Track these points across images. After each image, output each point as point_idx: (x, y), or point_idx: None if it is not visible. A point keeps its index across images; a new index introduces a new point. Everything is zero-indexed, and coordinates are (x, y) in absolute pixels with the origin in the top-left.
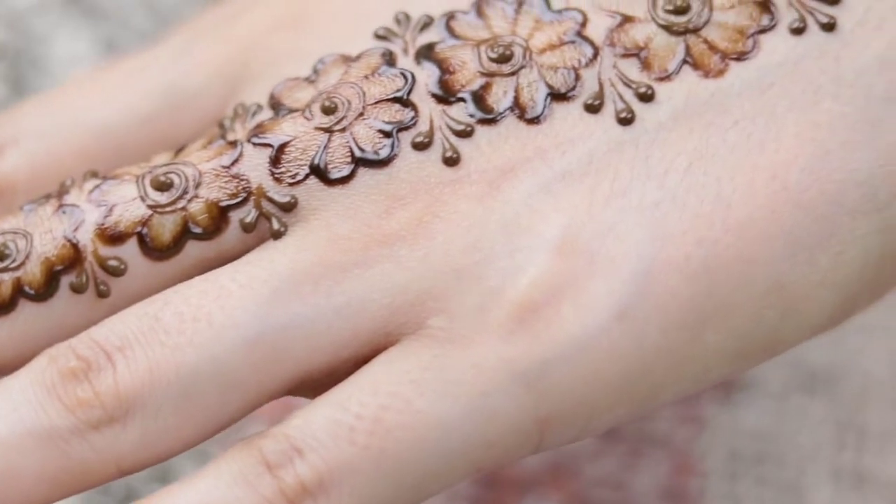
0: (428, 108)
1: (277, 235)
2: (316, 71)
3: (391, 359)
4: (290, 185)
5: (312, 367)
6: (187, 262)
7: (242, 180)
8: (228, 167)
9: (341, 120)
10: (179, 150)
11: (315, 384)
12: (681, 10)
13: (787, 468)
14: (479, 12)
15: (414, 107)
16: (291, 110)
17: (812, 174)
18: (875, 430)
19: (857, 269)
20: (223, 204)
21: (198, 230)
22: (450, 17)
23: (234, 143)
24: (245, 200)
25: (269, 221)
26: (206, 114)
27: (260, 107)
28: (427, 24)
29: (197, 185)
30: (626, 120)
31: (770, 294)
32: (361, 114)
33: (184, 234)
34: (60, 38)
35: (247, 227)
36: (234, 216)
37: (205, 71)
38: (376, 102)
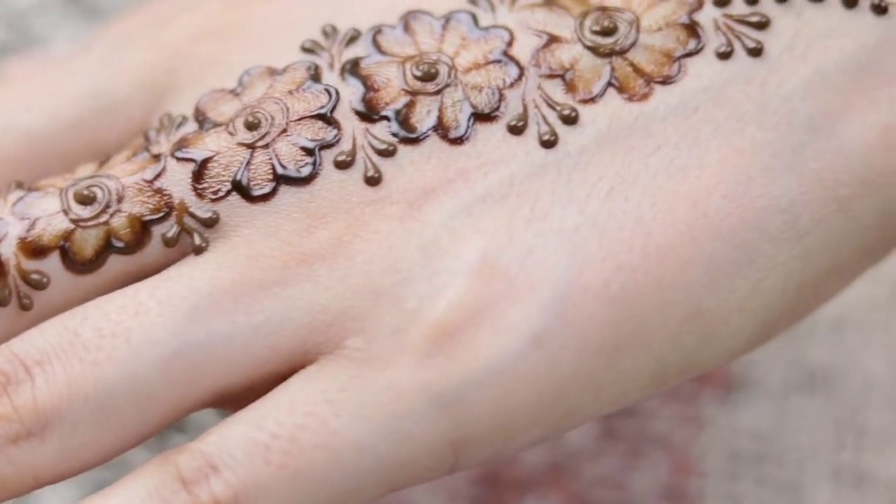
0: (351, 126)
1: (199, 251)
2: (241, 83)
3: (309, 377)
4: (213, 200)
5: (231, 382)
6: (109, 275)
7: (165, 195)
8: (151, 181)
9: (264, 136)
10: (104, 161)
11: (234, 398)
12: (607, 32)
13: (786, 468)
14: (407, 27)
15: (337, 124)
16: (216, 124)
17: (733, 201)
18: (874, 430)
19: (776, 296)
20: (145, 219)
21: (120, 244)
22: (377, 31)
23: (157, 157)
24: (167, 215)
25: (190, 237)
26: (132, 121)
27: (185, 118)
28: (354, 37)
29: (120, 200)
30: (549, 143)
31: (688, 320)
32: (284, 130)
33: (106, 248)
34: (60, 38)
35: (168, 242)
36: (157, 231)
37: (131, 79)
38: (300, 119)
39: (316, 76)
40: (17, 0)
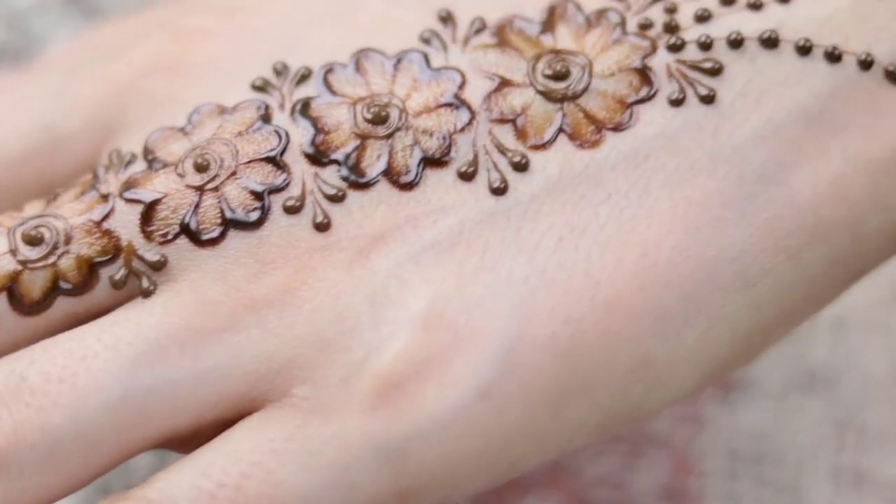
0: (301, 170)
1: (146, 294)
2: (191, 121)
3: (255, 425)
4: (161, 243)
5: (178, 426)
6: (56, 316)
7: (113, 236)
8: (99, 222)
9: (213, 178)
10: (52, 198)
11: (181, 441)
12: (560, 76)
13: (786, 468)
14: (358, 66)
15: (287, 168)
16: (165, 163)
17: (683, 252)
18: (874, 430)
19: (724, 344)
20: (93, 260)
21: (67, 286)
22: (328, 70)
23: (106, 197)
24: (115, 257)
25: (138, 279)
26: (81, 157)
27: (134, 156)
28: (305, 76)
29: (68, 241)
30: (499, 190)
31: (635, 371)
32: (234, 173)
33: (53, 289)
34: (60, 38)
35: (116, 285)
36: (104, 273)
37: (80, 114)
38: (249, 162)
39: (266, 116)
40: (17, 0)
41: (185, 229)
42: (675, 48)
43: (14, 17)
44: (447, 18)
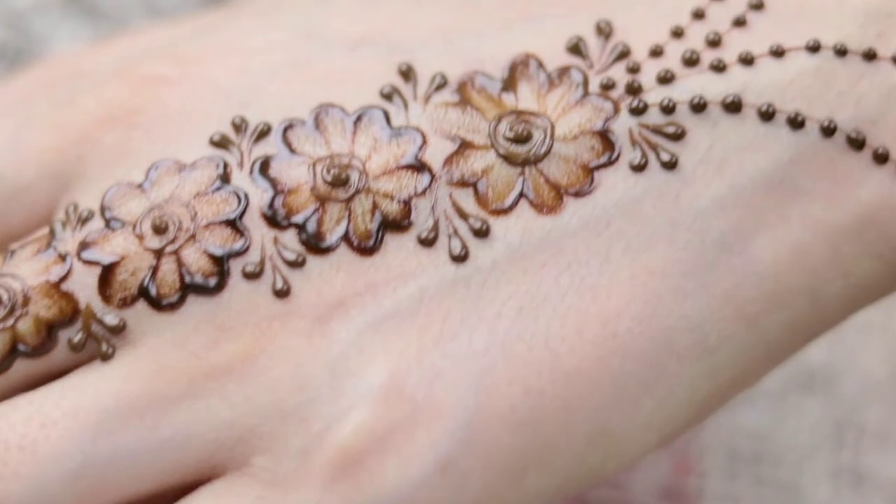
0: (260, 234)
1: (105, 357)
2: (149, 178)
3: (215, 495)
4: (120, 307)
5: (138, 493)
6: (15, 377)
7: (71, 299)
8: (57, 284)
9: (172, 241)
10: (7, 254)
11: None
12: (521, 139)
13: (785, 467)
14: (318, 123)
15: (246, 232)
16: (123, 222)
17: (643, 322)
18: (873, 430)
19: (682, 410)
20: (51, 323)
21: (26, 348)
22: (287, 126)
23: (63, 257)
24: (73, 319)
25: (97, 342)
26: (37, 207)
27: (91, 213)
28: (264, 132)
29: (25, 302)
30: (459, 257)
31: (594, 439)
32: (193, 236)
33: (12, 352)
34: (60, 38)
35: (75, 348)
36: (63, 335)
37: (36, 164)
38: (208, 225)
39: (225, 176)
40: (16, 0)
41: (144, 293)
42: (638, 111)
43: (14, 16)
44: (407, 73)
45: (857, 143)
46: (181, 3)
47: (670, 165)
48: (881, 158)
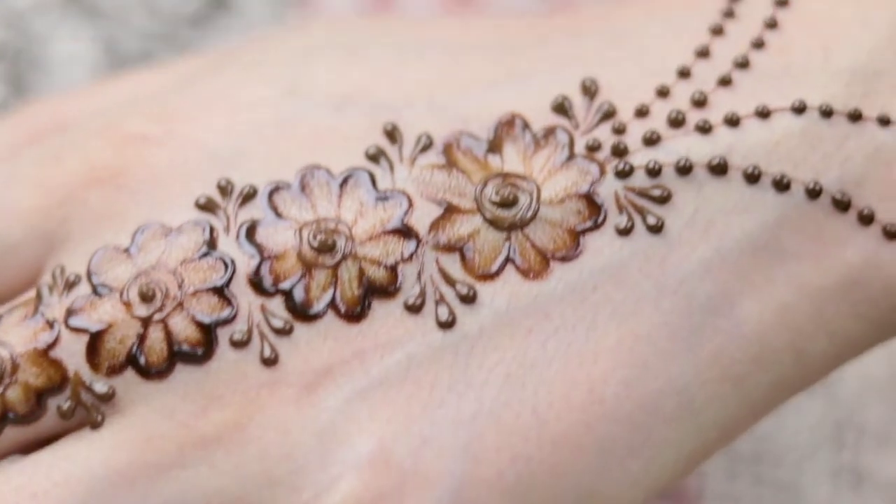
0: (247, 301)
1: (95, 425)
2: (135, 242)
3: None
4: (108, 374)
5: None
6: (5, 443)
7: (60, 367)
8: (45, 351)
9: (160, 309)
10: None
11: None
12: (508, 203)
13: (785, 467)
14: (304, 186)
15: (233, 299)
16: (110, 288)
17: (629, 387)
18: (873, 430)
19: (668, 468)
20: (40, 390)
21: (14, 415)
22: (273, 189)
23: (51, 324)
24: (62, 387)
25: (86, 410)
26: (24, 267)
27: (78, 277)
28: (250, 195)
29: (14, 370)
30: (446, 324)
31: (581, 502)
32: (181, 304)
33: (2, 419)
34: (60, 38)
35: (64, 415)
36: (52, 402)
37: (22, 224)
38: (195, 293)
39: (211, 241)
40: (16, 0)
41: (133, 361)
42: (624, 174)
43: (14, 16)
44: (393, 133)
45: (842, 205)
46: (181, 2)
47: (656, 229)
48: (866, 219)
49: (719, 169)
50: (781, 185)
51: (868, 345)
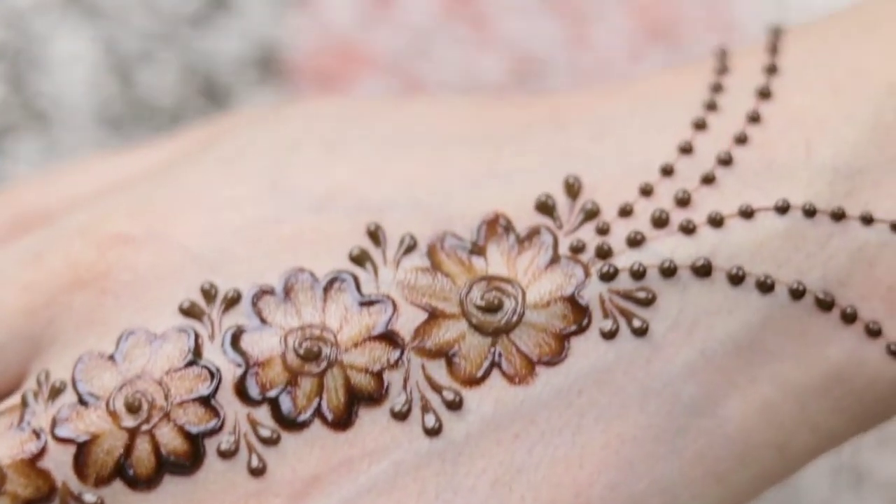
0: (234, 411)
1: None
2: (120, 349)
3: None
4: (96, 485)
5: None
6: None
7: (48, 477)
8: (32, 461)
9: (147, 419)
10: None
11: None
12: (493, 308)
13: None
14: (288, 291)
15: (220, 409)
16: (96, 397)
17: (615, 490)
18: (873, 429)
19: None
20: (29, 501)
21: None
22: (257, 294)
23: (37, 434)
24: (51, 496)
25: None
26: (9, 369)
27: (64, 384)
28: (234, 300)
29: (2, 481)
30: (433, 431)
31: None
32: (167, 415)
33: None
34: (60, 38)
35: None
36: None
37: (6, 326)
38: (181, 403)
39: (196, 349)
40: (16, 0)
41: (121, 472)
42: (608, 277)
43: (14, 16)
44: (376, 234)
45: (825, 305)
46: (181, 2)
47: (641, 332)
48: (849, 318)
49: (703, 270)
50: (765, 287)
51: (850, 435)
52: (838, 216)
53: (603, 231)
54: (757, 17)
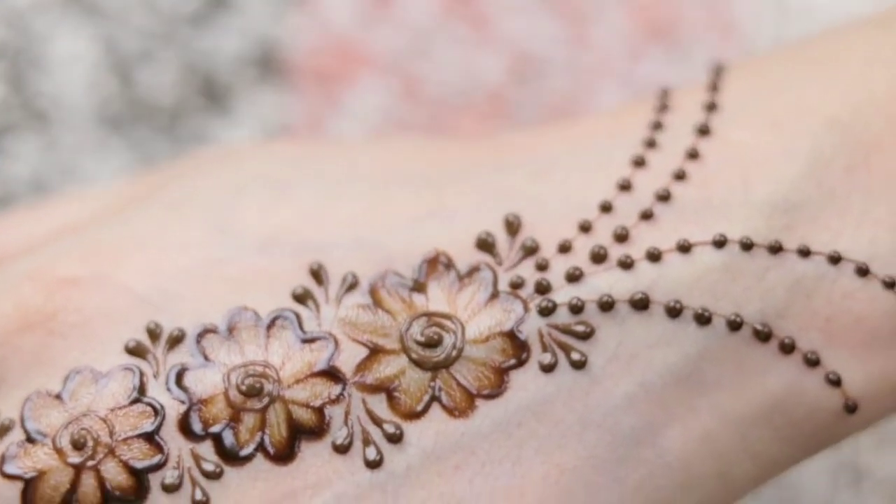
0: (177, 447)
1: None
2: (66, 387)
3: None
4: None
5: None
6: None
7: None
8: None
9: (92, 456)
10: None
11: None
12: (432, 343)
13: None
14: (231, 329)
15: (164, 445)
16: (43, 434)
17: None
18: (873, 428)
19: None
20: None
21: None
22: (201, 333)
23: None
24: None
25: None
26: None
27: (12, 422)
28: (178, 339)
29: None
30: (374, 463)
31: None
32: (112, 450)
33: None
34: (60, 37)
35: None
36: None
37: None
38: (126, 439)
39: (141, 387)
40: (16, 0)
41: None
42: (547, 311)
43: (14, 15)
44: (318, 272)
45: (763, 336)
46: (181, 2)
47: (580, 365)
48: (787, 349)
49: (641, 304)
50: (703, 319)
51: (794, 463)
52: (775, 249)
53: (542, 267)
54: (757, 17)
